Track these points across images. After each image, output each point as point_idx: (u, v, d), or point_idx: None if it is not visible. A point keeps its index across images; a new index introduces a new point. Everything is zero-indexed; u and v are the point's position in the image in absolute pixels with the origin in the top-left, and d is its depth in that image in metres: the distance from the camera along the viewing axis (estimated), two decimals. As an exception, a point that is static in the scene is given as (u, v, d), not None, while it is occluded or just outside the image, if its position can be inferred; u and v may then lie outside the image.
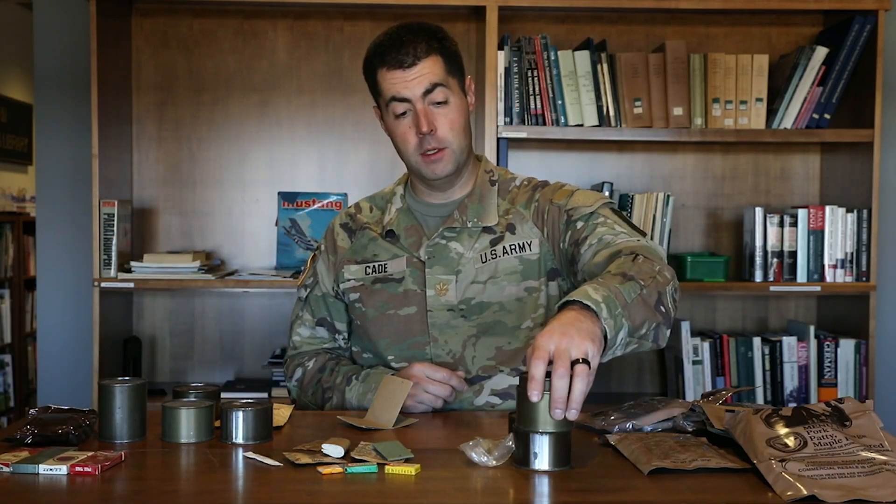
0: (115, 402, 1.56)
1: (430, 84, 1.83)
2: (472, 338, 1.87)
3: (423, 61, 1.83)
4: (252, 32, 3.23)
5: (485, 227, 1.90)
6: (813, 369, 3.05)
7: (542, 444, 1.39)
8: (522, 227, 1.90)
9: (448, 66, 1.86)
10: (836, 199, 3.16)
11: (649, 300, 1.55)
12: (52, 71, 3.26)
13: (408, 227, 1.95)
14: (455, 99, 1.87)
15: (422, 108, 1.84)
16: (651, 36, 3.24)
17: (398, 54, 1.84)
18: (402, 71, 1.84)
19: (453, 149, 1.87)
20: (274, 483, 1.35)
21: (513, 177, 1.99)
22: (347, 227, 2.02)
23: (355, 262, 1.97)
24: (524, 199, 1.93)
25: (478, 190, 1.94)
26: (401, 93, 1.84)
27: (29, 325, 5.85)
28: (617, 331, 1.48)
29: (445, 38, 1.90)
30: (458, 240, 1.90)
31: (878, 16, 2.95)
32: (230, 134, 3.25)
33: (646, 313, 1.54)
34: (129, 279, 2.94)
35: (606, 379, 3.30)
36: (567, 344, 1.38)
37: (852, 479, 1.28)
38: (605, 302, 1.47)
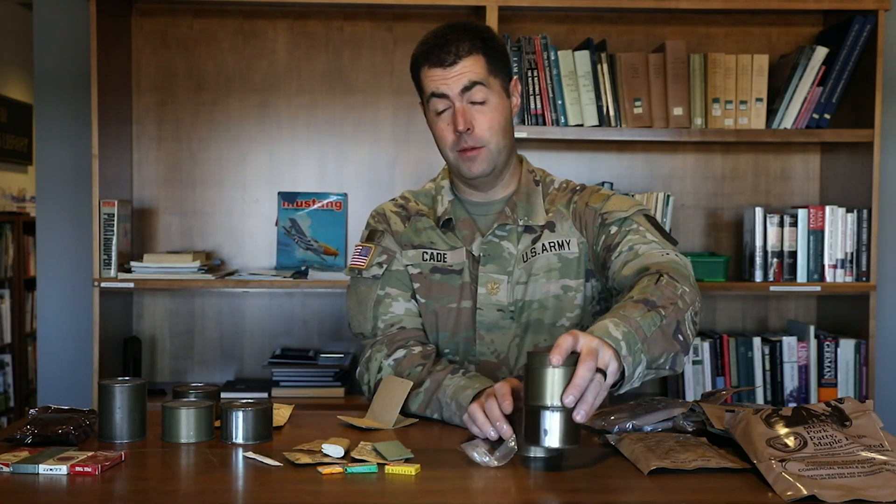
0: (115, 402, 1.56)
1: (469, 82, 1.83)
2: (517, 338, 1.88)
3: (464, 60, 1.83)
4: (252, 32, 3.23)
5: (527, 226, 1.90)
6: (813, 369, 3.05)
7: (553, 420, 1.37)
8: (562, 225, 1.90)
9: (490, 65, 1.86)
10: (836, 199, 3.16)
11: (668, 330, 1.55)
12: (52, 71, 3.26)
13: (462, 219, 1.94)
14: (495, 99, 1.86)
15: (460, 107, 1.84)
16: (651, 36, 3.24)
17: (440, 52, 1.84)
18: (442, 69, 1.84)
19: (490, 148, 1.86)
20: (274, 483, 1.35)
21: (552, 178, 1.99)
22: (400, 214, 1.99)
23: (412, 247, 1.94)
24: (564, 200, 1.94)
25: (524, 189, 1.94)
26: (440, 89, 1.84)
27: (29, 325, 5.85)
28: (635, 366, 1.48)
29: (492, 38, 1.89)
30: (509, 239, 1.90)
31: (878, 16, 2.95)
32: (230, 134, 3.25)
33: (664, 345, 1.54)
34: (129, 279, 2.94)
35: (606, 379, 3.30)
36: (598, 347, 1.39)
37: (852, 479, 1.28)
38: (624, 339, 1.47)
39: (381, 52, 3.24)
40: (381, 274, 1.92)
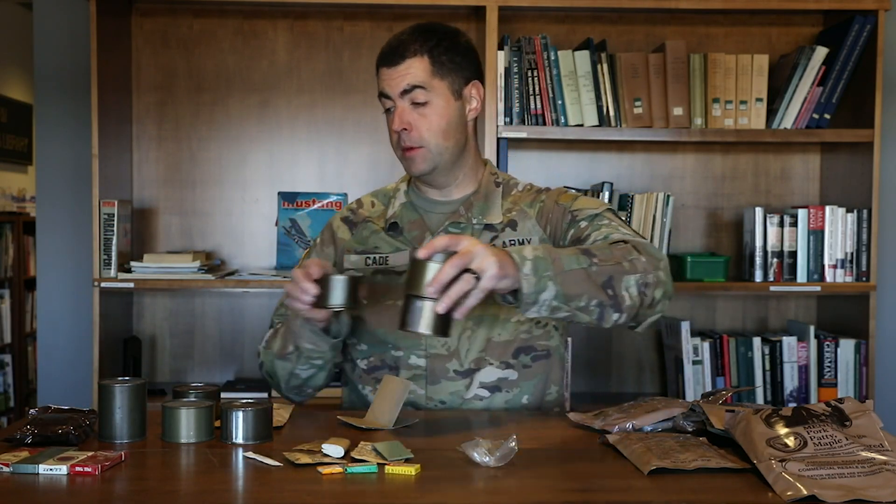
0: (115, 402, 1.56)
1: (409, 85, 1.88)
2: (466, 330, 1.89)
3: (408, 61, 1.88)
4: (252, 32, 3.23)
5: (487, 224, 1.93)
6: (813, 369, 3.05)
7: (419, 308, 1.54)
8: (524, 223, 1.93)
9: (435, 67, 1.89)
10: (836, 199, 3.16)
11: (596, 277, 1.63)
12: (52, 71, 3.26)
13: (411, 221, 1.98)
14: (440, 101, 1.89)
15: (400, 107, 1.89)
16: (651, 36, 3.24)
17: (389, 53, 1.90)
18: (388, 69, 1.90)
19: (430, 149, 1.90)
20: (274, 483, 1.35)
21: (516, 181, 2.03)
22: (348, 221, 2.06)
23: (355, 253, 1.99)
24: (528, 199, 1.97)
25: (483, 190, 1.97)
26: (383, 89, 1.91)
27: (29, 325, 5.85)
28: (537, 291, 1.58)
29: (449, 39, 1.92)
30: None
31: (878, 16, 2.95)
32: (230, 134, 3.25)
33: (587, 288, 1.62)
34: (129, 279, 2.94)
35: (606, 379, 3.30)
36: (478, 253, 1.53)
37: (852, 479, 1.28)
38: (533, 261, 1.58)
39: (381, 52, 3.24)
40: None
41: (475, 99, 1.96)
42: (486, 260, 1.53)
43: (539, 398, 1.92)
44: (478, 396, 1.88)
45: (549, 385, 1.94)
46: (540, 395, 1.92)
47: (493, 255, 1.54)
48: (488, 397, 1.88)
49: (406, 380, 1.75)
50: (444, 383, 1.88)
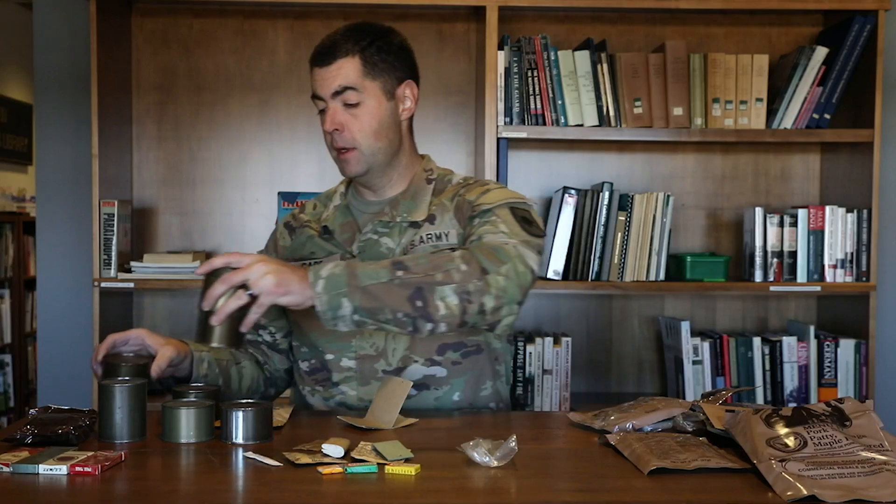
0: (115, 402, 1.56)
1: (340, 86, 1.88)
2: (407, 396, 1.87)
3: (339, 62, 1.88)
4: (252, 32, 3.23)
5: (412, 221, 1.93)
6: (813, 369, 3.05)
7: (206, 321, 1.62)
8: (443, 218, 1.92)
9: (367, 68, 1.89)
10: (836, 199, 3.16)
11: (400, 290, 1.64)
12: (52, 71, 3.26)
13: (343, 223, 1.99)
14: (371, 102, 1.89)
15: (332, 108, 1.89)
16: (651, 36, 3.24)
17: (321, 53, 1.90)
18: (319, 69, 1.90)
19: (362, 150, 1.90)
20: (274, 483, 1.35)
21: (452, 177, 2.02)
22: (289, 226, 2.08)
23: (292, 259, 2.00)
24: (451, 193, 1.96)
25: (413, 187, 1.97)
26: (315, 90, 1.91)
27: (29, 325, 5.85)
28: (332, 308, 1.62)
29: (381, 38, 1.92)
30: (390, 235, 1.93)
31: (878, 16, 2.95)
32: (230, 134, 3.25)
33: (389, 301, 1.64)
34: (129, 279, 2.94)
35: (606, 379, 3.30)
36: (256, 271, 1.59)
37: (852, 479, 1.28)
38: (327, 279, 1.62)
39: (381, 52, 3.24)
40: None
41: (409, 99, 1.95)
42: (263, 278, 1.58)
43: (472, 395, 1.92)
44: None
45: (483, 381, 1.93)
46: (472, 391, 1.92)
47: (274, 273, 1.59)
48: (415, 395, 1.88)
49: (406, 380, 1.75)
50: (374, 384, 1.88)
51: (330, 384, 1.92)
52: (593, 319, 3.30)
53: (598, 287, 2.99)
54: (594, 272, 2.98)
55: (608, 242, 2.98)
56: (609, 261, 2.98)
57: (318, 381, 1.94)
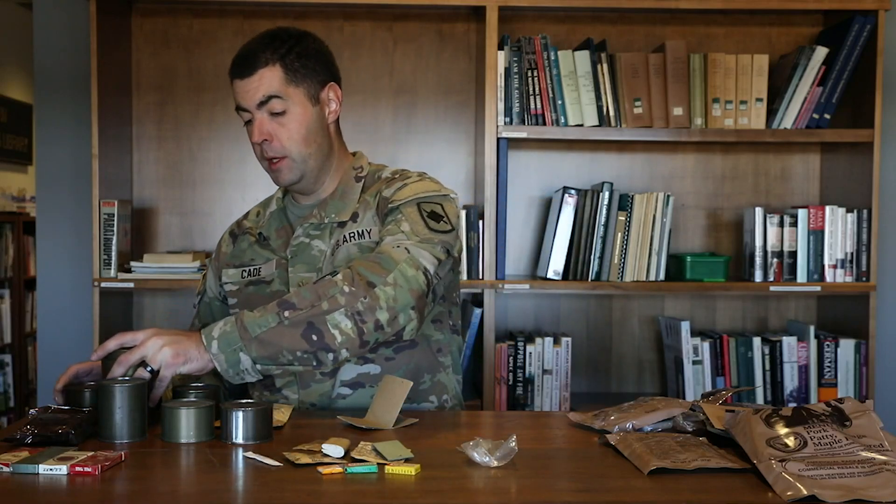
0: (115, 402, 1.56)
1: (264, 96, 1.87)
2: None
3: (260, 71, 1.86)
4: (252, 32, 3.21)
5: (339, 221, 1.92)
6: (813, 369, 3.05)
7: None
8: (365, 215, 1.91)
9: (289, 75, 1.87)
10: (836, 199, 3.16)
11: (293, 329, 1.65)
12: (52, 71, 3.26)
13: (278, 228, 1.99)
14: (297, 109, 1.88)
15: (258, 118, 1.88)
16: (651, 36, 3.24)
17: (241, 65, 1.89)
18: (241, 81, 1.88)
19: (293, 157, 1.90)
20: (274, 483, 1.35)
21: (382, 171, 2.00)
22: (233, 234, 2.09)
23: (233, 266, 2.00)
24: (375, 189, 1.95)
25: (340, 187, 1.96)
26: (240, 102, 1.89)
27: (29, 325, 5.85)
28: (231, 365, 1.65)
29: (298, 44, 1.90)
30: (321, 238, 1.93)
31: (878, 16, 2.95)
32: (230, 134, 3.25)
33: (285, 343, 1.65)
34: (129, 279, 2.94)
35: (606, 379, 3.30)
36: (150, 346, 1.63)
37: (852, 479, 1.28)
38: (219, 339, 1.65)
39: (381, 52, 3.24)
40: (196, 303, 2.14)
41: (333, 101, 1.95)
42: (160, 352, 1.62)
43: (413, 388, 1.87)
44: (340, 395, 1.88)
45: (420, 374, 1.92)
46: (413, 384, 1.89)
47: (169, 345, 1.62)
48: (351, 395, 1.88)
49: (406, 380, 1.75)
50: (313, 386, 1.89)
51: (274, 389, 1.93)
52: (593, 319, 3.30)
53: (598, 287, 2.99)
54: (594, 272, 2.98)
55: (608, 242, 2.98)
56: (609, 261, 2.98)
57: (265, 386, 1.94)
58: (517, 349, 3.02)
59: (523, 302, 3.27)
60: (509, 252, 3.20)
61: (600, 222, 2.97)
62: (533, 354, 3.04)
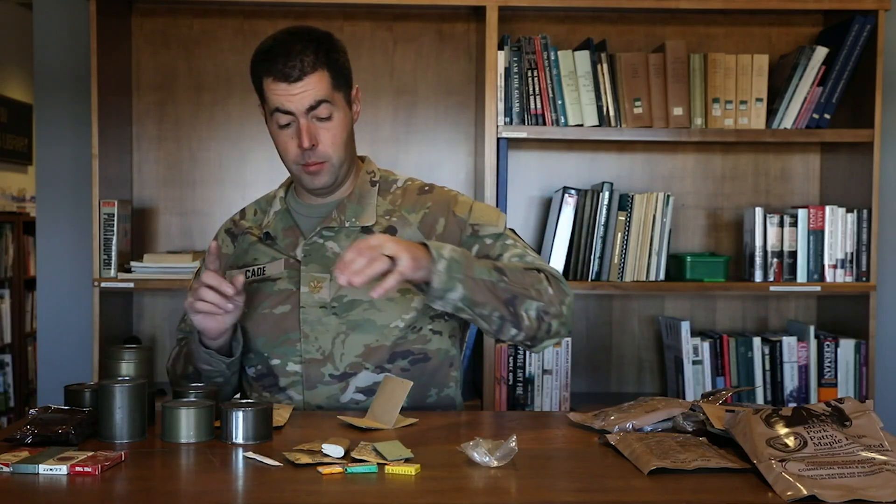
0: (115, 402, 1.56)
1: (315, 101, 1.84)
2: (341, 335, 1.88)
3: (310, 76, 1.83)
4: (252, 32, 3.23)
5: (363, 226, 1.92)
6: (813, 369, 3.05)
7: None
8: (404, 231, 1.91)
9: (334, 80, 1.87)
10: (836, 199, 3.16)
11: (500, 293, 1.72)
12: (52, 71, 3.26)
13: (285, 228, 1.97)
14: (339, 114, 1.89)
15: (305, 124, 1.85)
16: (651, 36, 3.24)
17: (284, 66, 1.83)
18: (287, 84, 1.83)
19: (333, 163, 1.89)
20: (274, 483, 1.35)
21: (395, 178, 2.02)
22: (231, 233, 2.06)
23: (237, 268, 1.98)
24: (410, 203, 1.95)
25: (357, 191, 1.96)
26: (285, 106, 1.85)
27: (29, 325, 5.85)
28: (445, 288, 1.67)
29: (334, 48, 1.89)
30: (336, 240, 1.92)
31: (878, 16, 2.95)
32: (230, 134, 3.25)
33: (491, 299, 1.71)
34: (129, 279, 2.94)
35: (606, 379, 3.30)
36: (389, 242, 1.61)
37: (852, 479, 1.28)
38: (448, 260, 1.67)
39: (381, 52, 3.24)
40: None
41: (356, 103, 1.96)
42: (399, 250, 1.61)
43: (419, 401, 1.91)
44: (354, 401, 1.88)
45: (429, 388, 1.93)
46: (419, 398, 1.91)
47: (406, 248, 1.62)
48: (364, 401, 1.88)
49: (406, 380, 1.75)
50: (320, 388, 1.88)
51: (276, 389, 1.92)
52: (593, 319, 3.30)
53: (598, 287, 2.99)
54: (594, 272, 2.98)
55: (608, 242, 2.98)
56: (609, 261, 2.98)
57: (265, 387, 1.94)
58: (517, 349, 3.02)
59: (523, 302, 3.27)
60: (509, 252, 3.20)
61: (600, 222, 2.97)
62: (533, 354, 3.04)
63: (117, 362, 1.72)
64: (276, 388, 1.92)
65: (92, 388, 1.70)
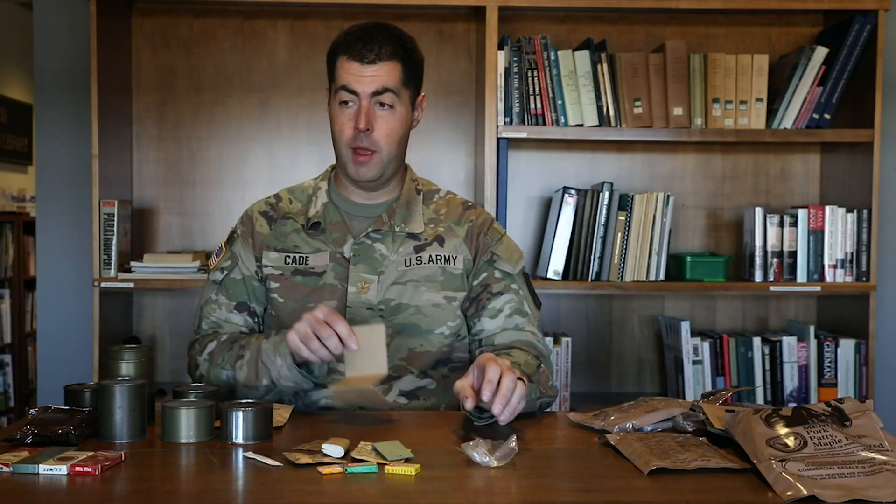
0: (115, 402, 1.56)
1: (382, 86, 1.87)
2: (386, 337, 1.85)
3: (384, 63, 1.88)
4: (252, 32, 3.23)
5: (409, 233, 1.94)
6: (813, 369, 3.05)
7: None
8: (451, 241, 1.95)
9: (406, 75, 1.90)
10: (836, 199, 3.16)
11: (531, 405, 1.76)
12: (52, 71, 3.26)
13: (333, 222, 1.97)
14: (401, 109, 1.91)
15: (366, 106, 1.88)
16: (651, 36, 3.24)
17: (363, 48, 1.88)
18: (360, 64, 1.88)
19: (382, 156, 1.90)
20: (274, 483, 1.35)
21: (436, 188, 2.06)
22: (267, 215, 2.03)
23: (274, 250, 1.97)
24: (455, 216, 1.99)
25: (405, 197, 1.98)
26: (352, 84, 1.88)
27: (29, 325, 5.85)
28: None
29: (414, 49, 1.94)
30: (383, 242, 1.94)
31: (878, 16, 2.95)
32: (230, 134, 3.25)
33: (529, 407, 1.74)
34: (129, 279, 2.94)
35: (606, 379, 3.30)
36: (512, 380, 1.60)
37: (852, 479, 1.28)
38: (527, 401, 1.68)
39: (381, 52, 3.24)
40: (220, 279, 1.99)
41: (419, 110, 1.99)
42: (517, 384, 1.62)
43: (455, 407, 1.90)
44: (397, 403, 1.89)
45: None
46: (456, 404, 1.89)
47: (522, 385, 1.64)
48: (406, 404, 1.90)
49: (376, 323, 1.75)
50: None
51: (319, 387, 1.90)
52: (593, 319, 3.30)
53: (597, 287, 2.99)
54: (594, 272, 2.98)
55: (608, 242, 2.98)
56: (609, 261, 2.98)
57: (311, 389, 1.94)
58: (517, 349, 3.02)
59: (523, 302, 3.27)
60: (509, 252, 3.20)
61: (600, 222, 2.97)
62: (533, 354, 3.04)
63: (117, 362, 1.71)
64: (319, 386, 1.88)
65: (92, 388, 1.70)
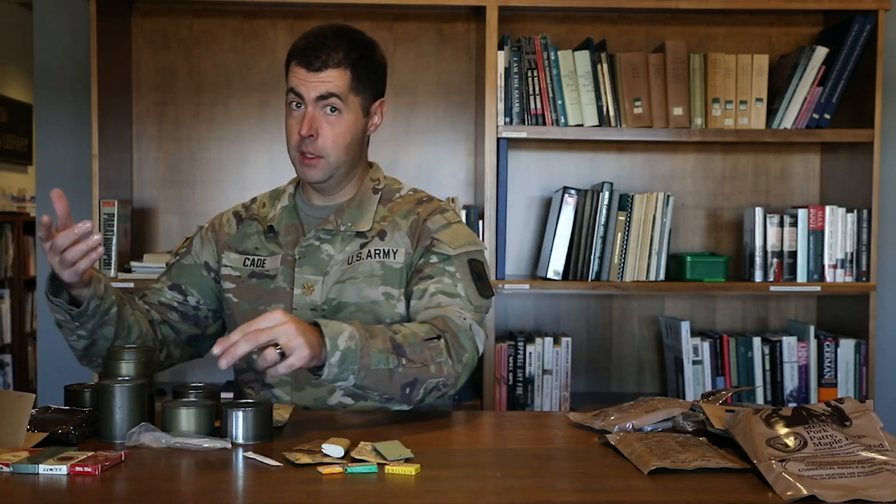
0: (115, 402, 1.56)
1: (327, 91, 1.87)
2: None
3: (330, 70, 1.87)
4: (252, 32, 3.23)
5: (358, 231, 1.93)
6: (813, 369, 3.05)
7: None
8: (393, 234, 1.93)
9: (355, 82, 1.89)
10: (836, 199, 3.16)
11: (398, 378, 1.68)
12: (52, 71, 3.26)
13: (288, 225, 1.97)
14: (349, 115, 1.89)
15: (311, 112, 1.88)
16: (651, 36, 3.24)
17: (310, 55, 1.87)
18: (306, 70, 1.87)
19: (329, 161, 1.90)
20: (274, 483, 1.35)
21: (399, 186, 2.03)
22: (238, 216, 2.05)
23: (235, 251, 1.98)
24: (405, 209, 1.96)
25: (359, 197, 1.97)
26: (298, 88, 1.88)
27: (29, 325, 5.85)
28: (336, 379, 1.63)
29: (370, 55, 1.92)
30: (332, 242, 1.93)
31: (878, 16, 2.95)
32: (230, 134, 3.25)
33: (386, 387, 1.68)
34: (129, 279, 2.94)
35: (606, 379, 3.30)
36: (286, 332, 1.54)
37: (852, 479, 1.28)
38: (344, 352, 1.61)
39: (381, 52, 3.24)
40: (170, 263, 2.04)
41: (377, 116, 1.97)
42: (292, 341, 1.55)
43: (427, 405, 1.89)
44: (341, 404, 1.88)
45: None
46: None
47: (300, 335, 1.55)
48: (352, 404, 1.88)
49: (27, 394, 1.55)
50: (308, 390, 1.88)
51: (261, 386, 1.92)
52: (593, 319, 3.30)
53: (597, 287, 2.99)
54: (594, 272, 2.98)
55: (608, 242, 2.98)
56: (609, 261, 2.98)
57: (246, 383, 1.94)
58: (517, 349, 3.03)
59: (523, 302, 3.27)
60: (509, 252, 3.20)
61: (600, 222, 2.97)
62: (533, 354, 3.04)
63: (117, 362, 1.71)
64: (259, 385, 1.92)
65: (92, 388, 1.69)
